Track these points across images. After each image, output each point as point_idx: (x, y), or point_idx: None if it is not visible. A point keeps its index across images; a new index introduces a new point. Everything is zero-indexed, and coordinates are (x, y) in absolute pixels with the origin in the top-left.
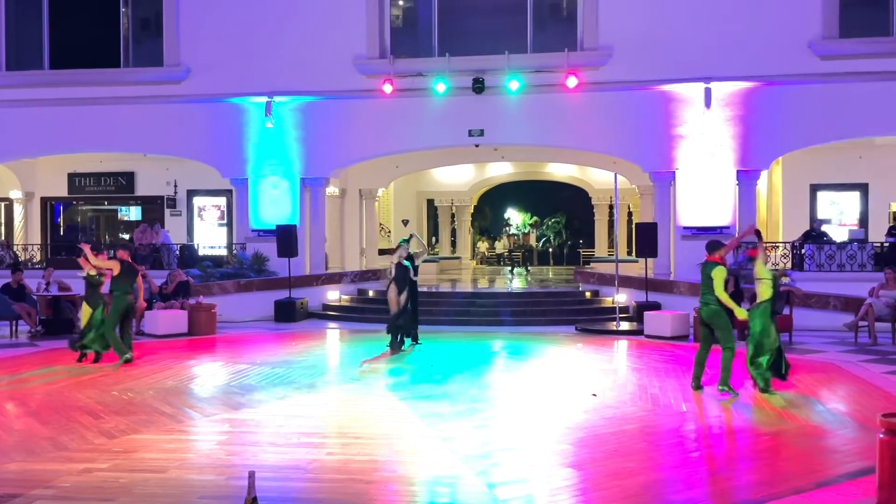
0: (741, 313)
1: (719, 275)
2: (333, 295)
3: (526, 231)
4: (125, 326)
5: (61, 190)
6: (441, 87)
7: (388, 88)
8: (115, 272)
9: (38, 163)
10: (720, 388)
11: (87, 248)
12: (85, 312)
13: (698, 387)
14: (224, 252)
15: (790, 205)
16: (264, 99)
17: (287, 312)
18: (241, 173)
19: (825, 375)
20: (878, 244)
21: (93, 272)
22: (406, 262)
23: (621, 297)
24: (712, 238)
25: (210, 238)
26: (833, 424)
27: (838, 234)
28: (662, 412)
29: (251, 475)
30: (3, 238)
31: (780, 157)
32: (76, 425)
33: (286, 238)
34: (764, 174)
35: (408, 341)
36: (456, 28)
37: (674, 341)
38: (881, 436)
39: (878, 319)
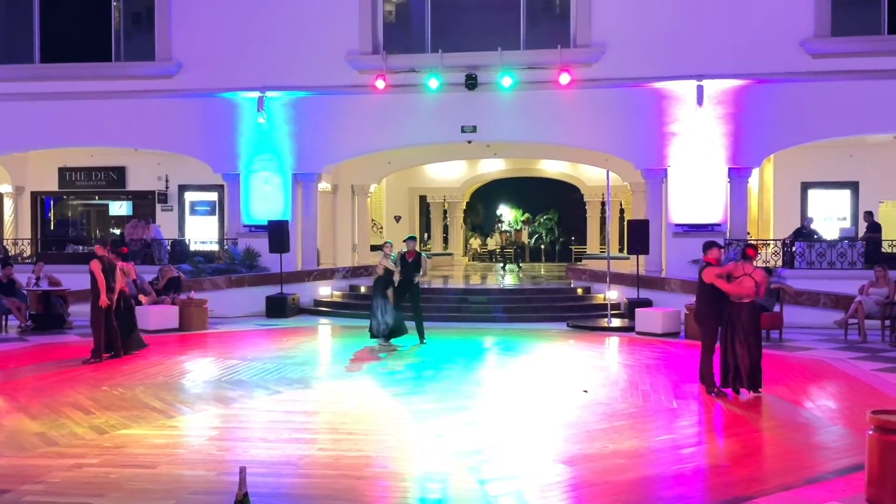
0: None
1: (706, 273)
2: (325, 290)
3: (518, 228)
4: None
5: (52, 184)
6: (434, 84)
7: (380, 84)
8: (97, 270)
9: (29, 157)
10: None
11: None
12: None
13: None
14: (215, 247)
15: (781, 202)
16: (256, 94)
17: (278, 308)
18: (233, 168)
19: (815, 372)
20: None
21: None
22: (392, 257)
23: (613, 294)
24: (708, 239)
25: (201, 233)
26: (822, 421)
27: (824, 228)
28: (653, 409)
29: (242, 471)
30: None
31: (772, 155)
32: (66, 421)
33: (278, 233)
34: (755, 172)
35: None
36: (449, 24)
37: (665, 338)
38: (870, 432)
39: (868, 317)
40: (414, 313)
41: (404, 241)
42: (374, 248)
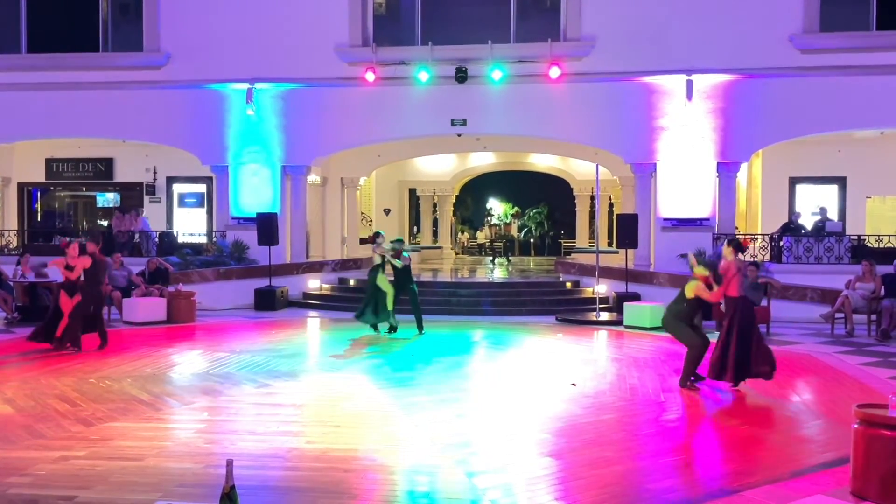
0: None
1: (690, 287)
2: (314, 283)
3: (508, 221)
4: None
5: (39, 175)
6: (424, 76)
7: (370, 77)
8: (87, 265)
9: (15, 148)
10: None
11: (72, 250)
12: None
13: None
14: (204, 240)
15: (769, 197)
16: (245, 86)
17: (267, 301)
18: (222, 160)
19: (801, 366)
20: (856, 237)
21: (72, 265)
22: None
23: (601, 288)
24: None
25: (190, 225)
26: (808, 415)
27: (812, 222)
28: (640, 402)
29: (229, 463)
30: None
31: (760, 150)
32: (53, 413)
33: (267, 226)
34: (744, 167)
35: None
36: (439, 16)
37: (653, 332)
38: (855, 426)
39: (854, 311)
40: (412, 306)
41: (391, 242)
42: (362, 240)
